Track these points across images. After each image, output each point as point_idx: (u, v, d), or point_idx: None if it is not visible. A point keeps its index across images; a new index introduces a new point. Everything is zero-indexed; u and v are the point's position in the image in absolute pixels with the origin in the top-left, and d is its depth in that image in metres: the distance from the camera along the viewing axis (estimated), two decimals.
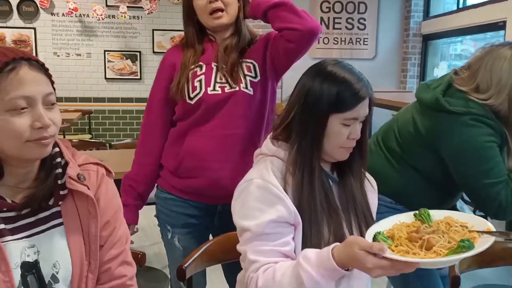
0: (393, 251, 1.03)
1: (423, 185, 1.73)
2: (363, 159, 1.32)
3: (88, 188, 1.10)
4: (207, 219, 1.73)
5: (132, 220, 1.74)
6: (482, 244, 1.00)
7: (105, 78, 6.12)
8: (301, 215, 1.22)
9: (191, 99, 1.63)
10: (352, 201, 1.30)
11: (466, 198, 1.93)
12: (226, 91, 1.63)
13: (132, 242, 1.45)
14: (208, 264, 1.56)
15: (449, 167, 1.64)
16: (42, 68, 1.01)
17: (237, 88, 1.63)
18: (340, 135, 1.22)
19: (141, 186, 1.75)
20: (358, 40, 6.29)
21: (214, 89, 1.63)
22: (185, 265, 1.41)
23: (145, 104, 1.78)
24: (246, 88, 1.65)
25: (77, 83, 6.03)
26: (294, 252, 1.22)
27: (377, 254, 1.00)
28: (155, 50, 6.12)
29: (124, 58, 6.11)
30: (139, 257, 1.40)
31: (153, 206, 1.83)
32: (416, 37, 6.19)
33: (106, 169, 1.19)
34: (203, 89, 1.62)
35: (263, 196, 1.21)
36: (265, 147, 1.32)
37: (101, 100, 6.14)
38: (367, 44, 6.30)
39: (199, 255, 1.48)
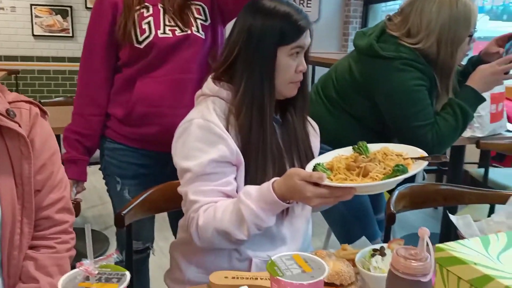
0: (331, 180, 1.05)
1: (360, 131, 1.77)
2: (305, 97, 1.31)
3: (20, 126, 1.01)
4: (158, 169, 1.66)
5: (80, 177, 1.66)
6: (416, 168, 1.05)
7: (33, 35, 5.71)
8: (247, 156, 1.20)
9: (139, 42, 1.54)
10: (295, 142, 1.30)
11: None
12: (177, 34, 1.55)
13: (80, 200, 1.38)
14: (150, 213, 1.51)
15: (381, 111, 1.70)
16: None
17: (189, 32, 1.56)
18: (290, 68, 1.21)
19: (89, 139, 1.65)
20: (301, 2, 6.27)
21: (164, 32, 1.54)
22: (124, 212, 1.35)
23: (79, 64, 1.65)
24: (198, 32, 1.58)
25: (1, 39, 5.60)
26: (236, 192, 1.20)
27: (316, 182, 1.01)
28: (87, 6, 5.76)
29: (54, 13, 5.71)
30: (74, 205, 1.32)
31: (90, 168, 1.74)
32: (357, 0, 6.27)
33: (41, 109, 1.10)
34: (153, 32, 1.53)
35: (204, 136, 1.18)
36: (206, 87, 1.28)
37: (29, 59, 5.75)
38: (310, 7, 6.31)
39: (140, 202, 1.42)
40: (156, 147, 1.63)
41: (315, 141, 1.38)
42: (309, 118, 1.40)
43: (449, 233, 2.25)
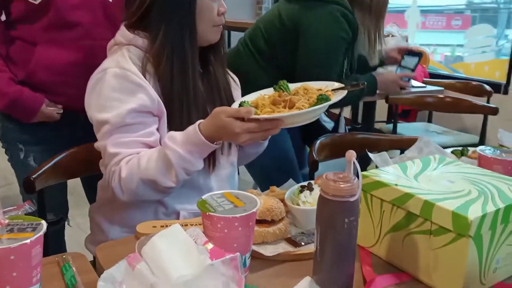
0: (259, 114, 1.04)
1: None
2: (224, 47, 1.28)
3: None
4: (67, 131, 1.53)
5: None
6: (337, 96, 1.08)
7: None
8: (169, 106, 1.15)
9: None
10: (217, 92, 1.27)
11: None
12: None
13: None
14: (63, 178, 1.40)
15: (298, 55, 1.74)
16: None
17: None
18: (212, 10, 1.17)
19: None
20: None
21: None
22: (34, 176, 1.25)
23: None
24: None
25: None
26: (160, 144, 1.15)
27: (244, 118, 1.00)
28: None
29: None
30: None
31: None
32: None
33: None
34: None
35: (121, 85, 1.11)
36: (119, 35, 1.20)
37: None
38: None
39: (52, 166, 1.32)
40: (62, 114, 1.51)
41: (236, 93, 1.36)
42: (230, 72, 1.38)
43: None
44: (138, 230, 0.97)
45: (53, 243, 1.57)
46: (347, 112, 3.38)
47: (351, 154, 0.77)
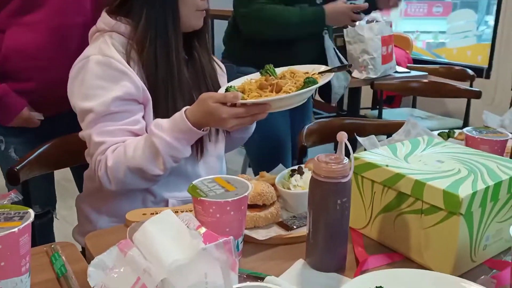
0: (246, 99, 1.03)
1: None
2: (208, 32, 1.26)
3: None
4: (48, 123, 1.50)
5: None
6: (325, 79, 1.07)
7: None
8: (155, 93, 1.13)
9: None
10: (203, 78, 1.25)
11: None
12: None
13: None
14: (48, 169, 1.38)
15: None
16: None
17: None
18: None
19: None
20: None
21: None
22: (17, 167, 1.22)
23: None
24: None
25: None
26: (146, 131, 1.13)
27: (231, 103, 0.99)
28: None
29: None
30: None
31: None
32: None
33: None
34: None
35: (105, 73, 1.08)
36: (101, 22, 1.17)
37: None
38: None
39: (35, 157, 1.29)
40: (39, 101, 1.47)
41: (222, 79, 1.35)
42: (214, 57, 1.37)
43: None
44: (128, 218, 0.96)
45: (41, 237, 1.55)
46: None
47: (342, 135, 0.76)
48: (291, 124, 1.95)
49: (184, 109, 1.05)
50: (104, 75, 1.08)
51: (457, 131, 1.37)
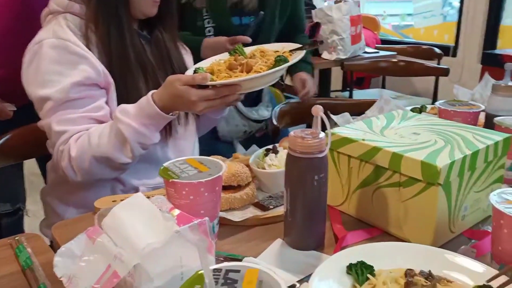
0: (215, 81, 0.99)
1: None
2: (173, 15, 1.21)
3: None
4: (23, 113, 1.41)
5: None
6: (295, 57, 1.04)
7: None
8: (113, 74, 1.08)
9: None
10: (167, 57, 1.20)
11: None
12: None
13: None
14: (11, 160, 1.31)
15: None
16: None
17: None
18: None
19: None
20: None
21: None
22: None
23: None
24: None
25: None
26: (111, 118, 1.08)
27: (200, 85, 0.95)
28: None
29: None
30: None
31: None
32: None
33: None
34: None
35: (61, 57, 1.02)
36: (53, 3, 1.10)
37: None
38: None
39: None
40: (10, 91, 1.38)
41: (188, 59, 1.30)
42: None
43: None
44: (97, 205, 0.91)
45: (10, 234, 1.48)
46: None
47: (318, 109, 0.74)
48: None
49: (150, 93, 1.00)
50: (61, 60, 1.02)
51: (429, 106, 1.38)
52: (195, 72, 1.01)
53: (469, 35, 3.56)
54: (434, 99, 2.75)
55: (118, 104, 1.07)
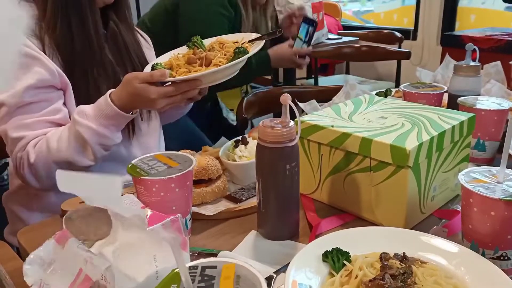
0: (175, 76, 0.97)
1: None
2: (127, 5, 1.17)
3: None
4: None
5: None
6: (255, 47, 1.02)
7: None
8: (73, 75, 1.04)
9: None
10: (126, 54, 1.16)
11: None
12: None
13: None
14: None
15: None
16: None
17: None
18: None
19: None
20: None
21: None
22: None
23: None
24: None
25: None
26: (70, 119, 1.04)
27: (159, 82, 0.93)
28: None
29: None
30: None
31: None
32: None
33: None
34: None
35: None
36: None
37: None
38: None
39: None
40: None
41: (149, 53, 1.27)
42: (140, 30, 1.28)
43: None
44: (63, 208, 0.88)
45: None
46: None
47: (286, 97, 0.73)
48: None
49: (108, 92, 0.97)
50: None
51: (393, 90, 1.39)
52: (153, 68, 0.99)
53: (427, 18, 3.63)
54: (397, 82, 2.80)
55: (77, 105, 1.04)
